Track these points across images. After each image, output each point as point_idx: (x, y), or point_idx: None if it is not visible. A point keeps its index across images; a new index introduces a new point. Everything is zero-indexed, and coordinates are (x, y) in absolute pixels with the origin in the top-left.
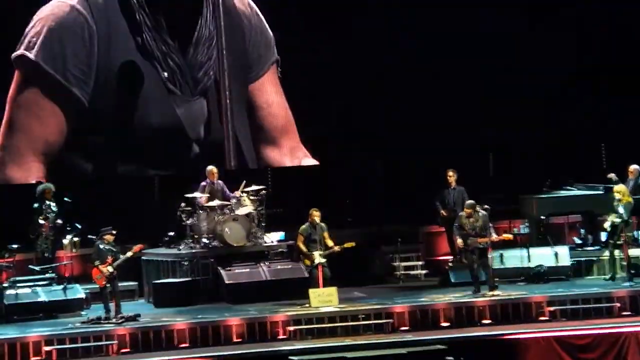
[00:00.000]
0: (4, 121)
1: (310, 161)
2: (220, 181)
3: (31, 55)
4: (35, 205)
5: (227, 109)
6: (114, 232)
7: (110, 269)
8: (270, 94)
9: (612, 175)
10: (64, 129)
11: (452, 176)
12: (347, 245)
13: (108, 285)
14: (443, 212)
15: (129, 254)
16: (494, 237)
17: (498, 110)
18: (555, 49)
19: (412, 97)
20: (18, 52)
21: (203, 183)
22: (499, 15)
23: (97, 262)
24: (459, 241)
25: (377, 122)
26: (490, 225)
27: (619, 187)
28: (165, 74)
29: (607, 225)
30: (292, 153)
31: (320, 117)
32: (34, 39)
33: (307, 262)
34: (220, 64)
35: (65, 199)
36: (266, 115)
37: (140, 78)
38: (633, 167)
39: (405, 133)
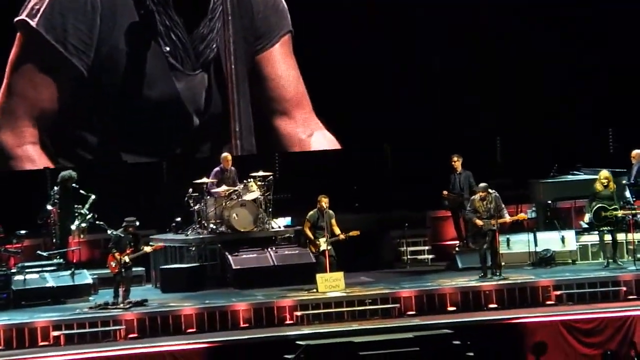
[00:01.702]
0: (4, 84)
1: (322, 137)
2: (233, 168)
3: (33, 22)
4: (53, 191)
5: (231, 74)
6: (137, 223)
7: (126, 259)
8: (279, 66)
9: None
10: (59, 98)
11: (457, 161)
12: (352, 233)
13: (122, 271)
14: (445, 192)
15: (148, 249)
16: (508, 218)
17: (505, 96)
18: (563, 39)
19: (419, 83)
20: (20, 17)
21: (216, 169)
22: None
23: (114, 250)
24: (479, 221)
25: (384, 107)
26: (503, 206)
27: (607, 174)
28: (168, 48)
29: (588, 215)
30: (305, 124)
31: (328, 103)
32: (37, 6)
33: (313, 248)
34: (225, 31)
35: (74, 185)
36: (276, 86)
37: (142, 51)
38: (635, 152)
39: (413, 119)
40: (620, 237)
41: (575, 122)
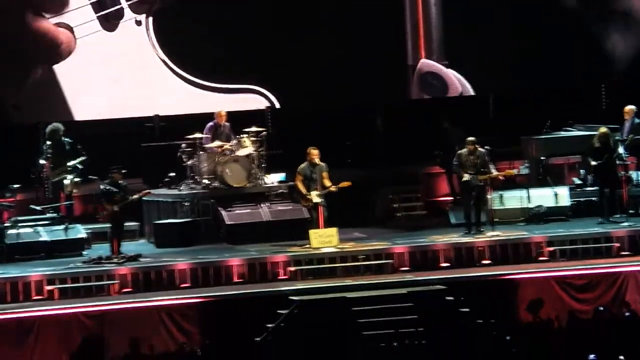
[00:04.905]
0: None
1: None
2: (227, 123)
3: None
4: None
5: None
6: (123, 170)
7: (115, 207)
8: None
9: None
10: None
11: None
12: (343, 184)
13: (115, 221)
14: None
15: (136, 196)
16: (494, 173)
17: (496, 53)
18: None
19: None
20: None
21: (210, 124)
22: None
23: (102, 200)
24: (465, 175)
25: (376, 63)
26: (490, 163)
27: (605, 130)
28: None
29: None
30: None
31: (322, 60)
32: None
33: (304, 202)
34: None
35: (65, 139)
36: None
37: None
38: (628, 108)
39: (405, 76)
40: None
41: (576, 64)
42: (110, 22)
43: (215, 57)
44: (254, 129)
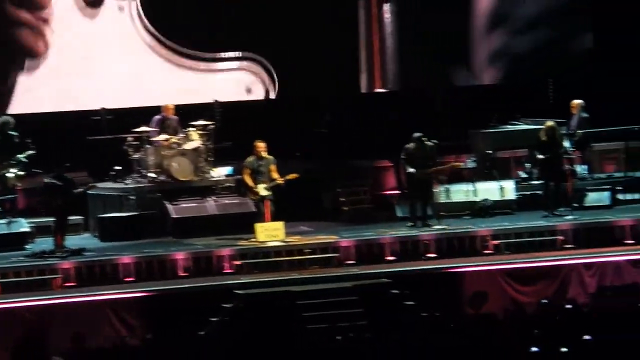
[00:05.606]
0: None
1: None
2: (175, 117)
3: None
4: None
5: None
6: (68, 164)
7: (59, 201)
8: None
9: None
10: None
11: None
12: (290, 177)
13: (59, 216)
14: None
15: (80, 189)
16: (440, 167)
17: (445, 46)
18: None
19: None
20: None
21: (157, 117)
22: None
23: (47, 196)
24: (411, 170)
25: (331, 59)
26: (436, 157)
27: (551, 124)
28: None
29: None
30: None
31: (270, 51)
32: None
33: (252, 196)
34: None
35: (11, 132)
36: None
37: None
38: (576, 102)
39: (354, 72)
40: None
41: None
42: (91, 9)
43: None
44: (201, 122)
